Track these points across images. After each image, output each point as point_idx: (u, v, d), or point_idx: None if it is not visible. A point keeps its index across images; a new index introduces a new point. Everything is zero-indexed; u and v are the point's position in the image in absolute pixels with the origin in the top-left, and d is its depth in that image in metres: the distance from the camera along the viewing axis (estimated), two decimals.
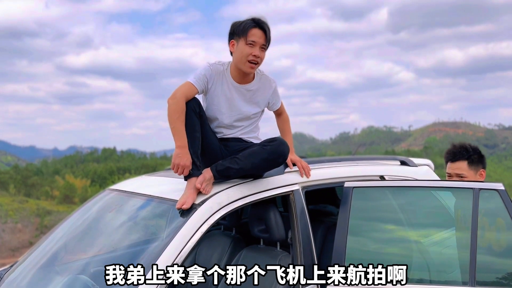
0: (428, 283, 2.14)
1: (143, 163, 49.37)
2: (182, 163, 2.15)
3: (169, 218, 2.25)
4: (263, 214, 2.43)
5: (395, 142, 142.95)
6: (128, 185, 2.81)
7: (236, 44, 2.32)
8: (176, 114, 2.18)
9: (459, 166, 2.29)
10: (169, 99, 2.20)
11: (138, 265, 1.86)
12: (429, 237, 2.38)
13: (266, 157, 2.24)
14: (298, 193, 2.37)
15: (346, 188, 2.33)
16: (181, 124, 2.18)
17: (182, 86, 2.26)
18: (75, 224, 2.74)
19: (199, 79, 2.30)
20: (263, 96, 2.47)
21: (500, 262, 2.15)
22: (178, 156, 2.16)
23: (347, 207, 2.27)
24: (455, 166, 2.30)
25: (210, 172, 2.22)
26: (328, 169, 2.67)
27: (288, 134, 2.65)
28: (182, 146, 2.17)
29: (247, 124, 2.47)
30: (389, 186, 2.44)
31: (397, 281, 1.99)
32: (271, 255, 2.39)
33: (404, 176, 3.04)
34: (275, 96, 2.53)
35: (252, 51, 2.27)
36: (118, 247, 2.43)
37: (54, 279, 2.32)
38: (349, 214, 2.25)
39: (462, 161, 2.29)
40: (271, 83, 2.49)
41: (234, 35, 2.33)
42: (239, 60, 2.30)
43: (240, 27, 2.29)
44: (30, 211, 27.16)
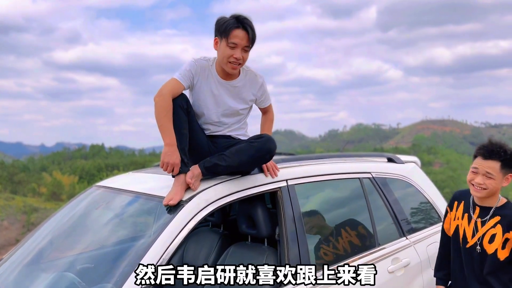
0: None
1: (132, 160, 49.09)
2: (172, 161, 2.14)
3: (156, 215, 2.24)
4: (250, 211, 2.43)
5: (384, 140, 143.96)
6: (116, 182, 2.79)
7: (219, 42, 2.28)
8: (163, 111, 2.16)
9: (492, 165, 2.16)
10: (156, 97, 2.18)
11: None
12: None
13: (253, 154, 2.23)
14: (285, 190, 2.38)
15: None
16: (168, 122, 2.16)
17: (168, 83, 2.24)
18: (61, 221, 2.71)
19: (185, 75, 2.28)
20: (249, 92, 2.45)
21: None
22: (167, 154, 2.14)
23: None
24: (487, 164, 2.17)
25: (198, 168, 2.22)
26: (316, 166, 2.69)
27: (266, 131, 2.62)
28: (171, 144, 2.15)
29: (234, 121, 2.46)
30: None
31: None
32: (259, 251, 2.39)
33: (391, 172, 3.08)
34: (263, 92, 2.50)
35: (233, 53, 2.23)
36: (105, 244, 2.42)
37: (40, 276, 2.29)
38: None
39: (496, 161, 2.16)
40: (258, 78, 2.46)
41: (217, 32, 2.29)
42: (220, 60, 2.29)
43: (222, 26, 2.23)
44: (17, 208, 26.84)
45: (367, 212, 2.77)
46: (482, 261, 2.27)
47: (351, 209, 2.89)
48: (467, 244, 2.32)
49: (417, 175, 3.30)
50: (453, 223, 2.41)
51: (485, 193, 2.22)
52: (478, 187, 2.21)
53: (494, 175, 2.17)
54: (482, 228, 2.28)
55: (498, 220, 2.25)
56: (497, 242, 2.23)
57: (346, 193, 2.94)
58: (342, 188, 2.90)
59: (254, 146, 2.24)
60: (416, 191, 3.17)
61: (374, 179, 2.91)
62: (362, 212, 2.80)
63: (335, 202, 2.91)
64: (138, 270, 1.80)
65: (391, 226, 2.85)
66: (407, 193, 3.13)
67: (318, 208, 2.75)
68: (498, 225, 2.24)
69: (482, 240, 2.27)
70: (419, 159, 3.67)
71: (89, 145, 67.65)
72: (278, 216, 2.35)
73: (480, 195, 2.23)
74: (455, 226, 2.40)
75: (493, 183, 2.19)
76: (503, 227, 2.23)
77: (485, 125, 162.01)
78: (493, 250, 2.23)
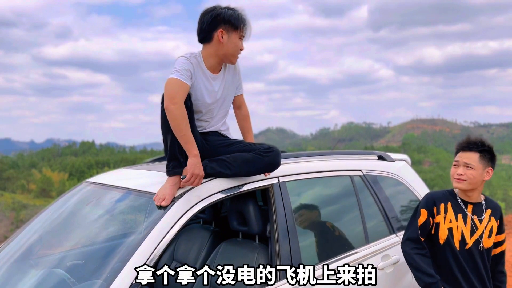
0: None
1: (122, 157, 48.83)
2: (201, 173, 2.10)
3: (147, 211, 2.23)
4: (242, 208, 2.43)
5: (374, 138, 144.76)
6: (106, 178, 2.77)
7: (227, 34, 2.24)
8: (183, 120, 2.06)
9: (471, 156, 2.24)
10: (170, 104, 2.05)
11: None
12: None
13: (262, 167, 2.25)
14: (277, 187, 2.39)
15: None
16: (189, 131, 2.09)
17: (174, 86, 2.11)
18: (51, 217, 2.69)
19: (187, 75, 2.17)
20: (234, 79, 2.45)
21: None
22: (196, 166, 2.08)
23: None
24: (466, 156, 2.26)
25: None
26: (308, 163, 2.70)
27: (249, 132, 2.59)
28: (197, 155, 2.10)
29: (223, 114, 2.45)
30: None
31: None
32: (250, 248, 2.40)
33: (381, 170, 3.10)
34: (240, 78, 2.50)
35: (242, 45, 2.29)
36: (96, 240, 2.40)
37: (29, 273, 2.27)
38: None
39: (474, 152, 2.25)
40: (235, 64, 2.44)
41: (225, 24, 2.23)
42: (231, 52, 2.27)
43: (237, 19, 2.24)
44: (5, 205, 26.58)
45: (357, 210, 2.79)
46: (484, 258, 2.29)
47: (342, 206, 2.90)
48: (466, 246, 2.29)
49: (407, 173, 3.32)
50: (444, 227, 2.33)
51: (467, 184, 2.26)
52: (460, 178, 2.27)
53: (474, 165, 2.24)
54: (481, 224, 2.30)
55: (491, 213, 2.32)
56: (493, 236, 2.32)
57: (337, 190, 2.95)
58: (333, 185, 2.91)
59: (265, 160, 2.23)
60: (406, 189, 3.20)
61: (364, 176, 2.93)
62: (353, 209, 2.81)
63: (326, 199, 2.92)
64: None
65: (381, 224, 2.87)
66: (397, 191, 3.16)
67: (309, 205, 2.76)
68: (492, 218, 2.32)
69: (482, 237, 2.29)
70: (408, 157, 3.70)
71: (79, 142, 67.14)
72: (270, 213, 2.35)
73: (461, 186, 2.27)
74: (447, 230, 2.33)
75: (473, 173, 2.24)
76: (496, 218, 2.32)
77: (474, 124, 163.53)
78: (491, 244, 2.32)
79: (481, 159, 2.24)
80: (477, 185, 2.28)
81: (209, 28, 2.24)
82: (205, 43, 2.29)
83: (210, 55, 2.29)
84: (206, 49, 2.29)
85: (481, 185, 2.31)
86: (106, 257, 2.09)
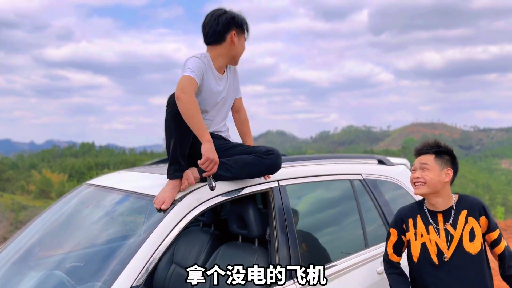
0: None
1: (122, 159, 48.82)
2: (216, 158, 2.05)
3: (147, 213, 2.23)
4: (242, 211, 2.43)
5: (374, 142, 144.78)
6: (106, 180, 2.77)
7: (237, 37, 2.33)
8: (195, 108, 2.04)
9: (426, 157, 2.21)
10: (180, 93, 2.04)
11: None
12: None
13: (263, 169, 2.26)
14: (277, 190, 2.39)
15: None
16: (201, 118, 2.08)
17: (186, 80, 2.11)
18: (50, 219, 2.69)
19: (198, 73, 2.18)
20: (234, 82, 2.49)
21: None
22: (210, 150, 2.03)
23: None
24: (422, 158, 2.22)
25: (197, 172, 2.20)
26: (308, 167, 2.70)
27: (248, 136, 2.59)
28: (211, 140, 2.07)
29: (225, 115, 2.46)
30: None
31: None
32: (249, 251, 2.40)
33: (381, 174, 3.10)
34: (238, 80, 2.54)
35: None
36: (95, 242, 2.40)
37: (29, 275, 2.27)
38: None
39: (429, 154, 2.21)
40: (235, 66, 2.50)
41: (237, 27, 2.32)
42: (240, 53, 2.39)
43: (245, 23, 2.36)
44: (5, 205, 26.55)
45: (357, 213, 2.79)
46: (477, 264, 2.10)
47: (342, 210, 2.90)
48: (445, 258, 2.12)
49: (407, 177, 3.32)
50: (415, 243, 2.21)
51: (426, 188, 2.16)
52: (418, 183, 2.19)
53: (429, 165, 2.18)
54: (456, 230, 2.13)
55: (467, 214, 2.15)
56: (478, 238, 2.12)
57: (337, 194, 2.95)
58: (333, 189, 2.92)
59: (266, 162, 2.23)
60: (406, 193, 3.20)
61: (364, 180, 2.93)
62: (353, 213, 2.81)
63: (326, 203, 2.93)
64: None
65: (381, 228, 2.87)
66: (397, 195, 3.16)
67: (309, 208, 2.76)
68: (470, 218, 2.14)
69: (462, 243, 2.11)
70: (408, 161, 3.70)
71: (79, 143, 67.15)
72: (269, 216, 2.35)
73: (421, 191, 2.17)
74: (420, 246, 2.20)
75: (430, 174, 2.15)
76: (475, 217, 2.14)
77: (474, 128, 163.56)
78: (478, 249, 2.11)
79: (437, 160, 2.18)
80: (437, 188, 2.15)
81: (224, 29, 2.28)
82: (215, 44, 2.32)
83: (219, 56, 2.32)
84: (216, 50, 2.32)
85: (444, 188, 2.17)
86: (105, 260, 2.09)
